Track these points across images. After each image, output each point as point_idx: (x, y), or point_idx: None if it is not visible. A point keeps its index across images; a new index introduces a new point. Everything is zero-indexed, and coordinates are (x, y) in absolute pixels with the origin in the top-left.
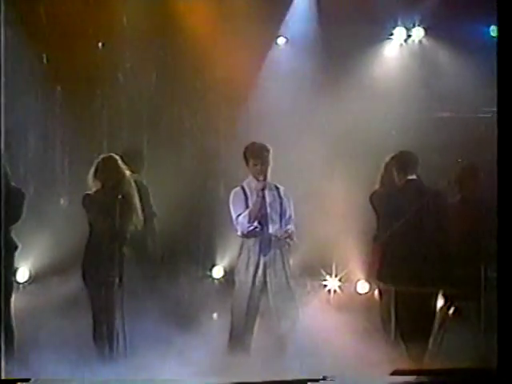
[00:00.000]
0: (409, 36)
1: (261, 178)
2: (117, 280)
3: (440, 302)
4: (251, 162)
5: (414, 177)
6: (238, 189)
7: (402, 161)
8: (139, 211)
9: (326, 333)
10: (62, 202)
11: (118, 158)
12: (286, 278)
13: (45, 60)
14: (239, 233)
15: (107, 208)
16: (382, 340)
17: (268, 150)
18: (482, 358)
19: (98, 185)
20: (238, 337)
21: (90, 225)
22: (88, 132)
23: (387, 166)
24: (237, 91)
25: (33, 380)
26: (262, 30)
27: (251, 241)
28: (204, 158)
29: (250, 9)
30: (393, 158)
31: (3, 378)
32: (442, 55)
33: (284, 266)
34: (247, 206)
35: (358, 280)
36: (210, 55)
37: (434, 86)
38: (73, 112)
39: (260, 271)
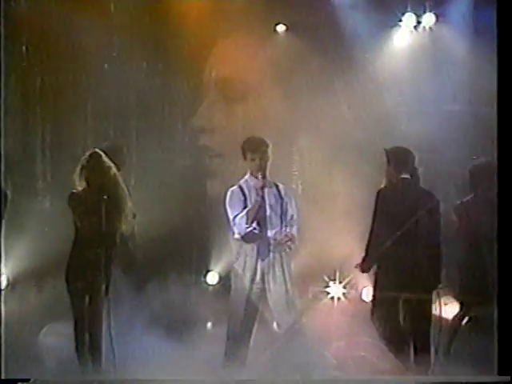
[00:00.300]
0: (419, 23)
1: (259, 174)
2: (103, 287)
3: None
4: (249, 157)
5: (407, 176)
6: (235, 188)
7: (394, 158)
8: (128, 212)
9: (330, 343)
10: (44, 202)
11: (103, 154)
12: (286, 284)
13: (24, 49)
14: (236, 235)
15: (94, 207)
16: (388, 350)
17: (267, 145)
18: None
19: (84, 183)
20: (234, 347)
21: (76, 226)
22: (71, 127)
23: None
24: (232, 83)
25: (32, 380)
26: (259, 17)
27: (249, 244)
28: (197, 155)
29: None
30: (386, 153)
31: (3, 377)
32: (455, 44)
33: (284, 272)
34: (245, 207)
35: (364, 287)
36: (204, 46)
37: (445, 77)
38: (55, 106)
39: (258, 277)
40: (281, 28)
